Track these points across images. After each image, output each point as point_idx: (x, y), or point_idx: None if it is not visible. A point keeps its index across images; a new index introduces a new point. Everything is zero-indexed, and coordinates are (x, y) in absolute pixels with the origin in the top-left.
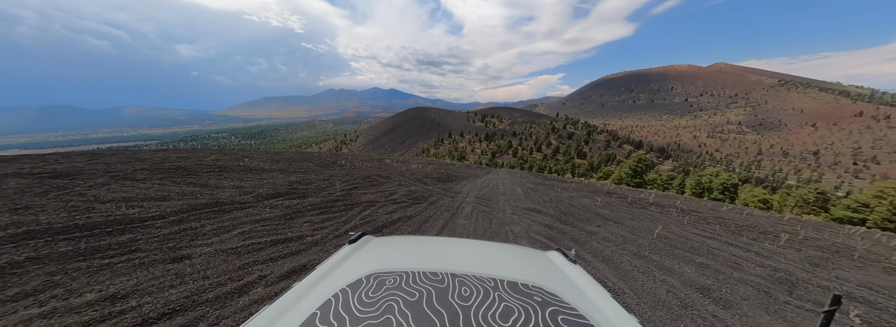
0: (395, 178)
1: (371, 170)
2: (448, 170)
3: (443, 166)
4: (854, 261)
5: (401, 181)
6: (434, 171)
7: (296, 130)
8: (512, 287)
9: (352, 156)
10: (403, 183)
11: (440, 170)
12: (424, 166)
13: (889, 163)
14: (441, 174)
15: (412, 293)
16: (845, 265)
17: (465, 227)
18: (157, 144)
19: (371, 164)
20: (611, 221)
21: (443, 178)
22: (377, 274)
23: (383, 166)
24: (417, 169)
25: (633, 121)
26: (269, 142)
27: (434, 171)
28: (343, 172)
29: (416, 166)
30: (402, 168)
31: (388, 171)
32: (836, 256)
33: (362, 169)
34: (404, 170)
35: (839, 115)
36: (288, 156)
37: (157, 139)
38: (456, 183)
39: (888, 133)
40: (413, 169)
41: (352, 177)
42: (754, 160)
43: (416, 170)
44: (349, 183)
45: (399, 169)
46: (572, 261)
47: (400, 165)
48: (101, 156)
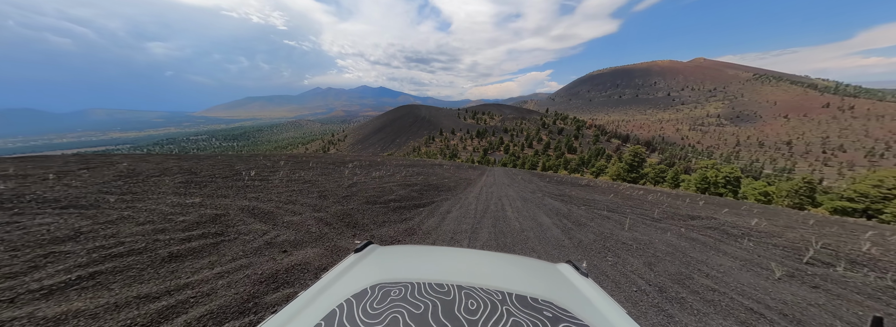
0: (304, 208)
1: (289, 191)
2: (429, 177)
3: (425, 169)
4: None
5: (297, 220)
6: (406, 180)
7: (281, 131)
8: (521, 301)
9: (305, 158)
10: (301, 225)
11: (413, 180)
12: (398, 171)
13: (853, 151)
14: (413, 187)
15: (417, 305)
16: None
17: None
18: (130, 148)
19: (306, 177)
20: None
21: (410, 198)
22: (382, 284)
23: (330, 177)
24: (383, 177)
25: (619, 115)
26: (253, 144)
27: (406, 180)
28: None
29: (385, 172)
30: (353, 180)
31: (321, 188)
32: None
33: (277, 187)
34: (357, 182)
35: (808, 107)
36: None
37: (130, 143)
38: (431, 206)
39: (852, 123)
40: (376, 177)
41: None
42: (733, 151)
43: (379, 180)
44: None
45: (348, 180)
46: (584, 275)
47: (360, 174)
48: None
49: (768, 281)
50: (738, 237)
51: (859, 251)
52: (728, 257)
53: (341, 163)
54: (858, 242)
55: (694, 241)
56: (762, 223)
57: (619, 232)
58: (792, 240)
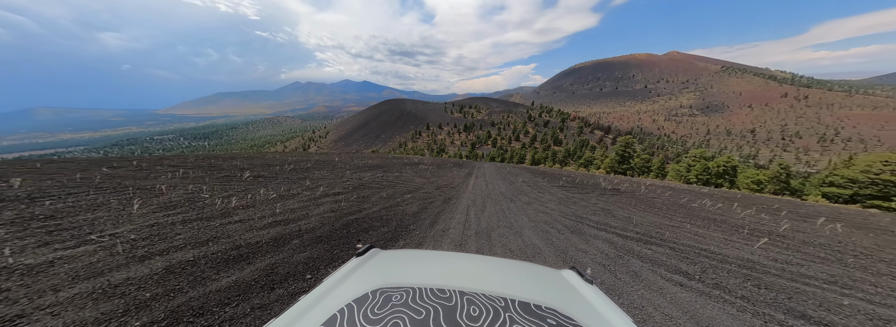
0: None
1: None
2: (385, 190)
3: (392, 172)
4: None
5: None
6: (334, 206)
7: (258, 128)
8: (524, 308)
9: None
10: None
11: (346, 205)
12: (341, 182)
13: (808, 138)
14: (320, 230)
15: (419, 311)
16: None
17: None
18: (83, 151)
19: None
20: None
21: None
22: (383, 289)
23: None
24: (296, 198)
25: (600, 107)
26: (226, 143)
27: (334, 206)
28: None
29: (323, 182)
30: (270, 203)
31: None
32: None
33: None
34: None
35: (769, 97)
36: None
37: (85, 144)
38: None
39: (806, 111)
40: (318, 198)
41: None
42: (704, 139)
43: (317, 202)
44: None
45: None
46: (588, 281)
47: (306, 188)
48: None
49: None
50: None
51: None
52: None
53: (267, 167)
54: None
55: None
56: None
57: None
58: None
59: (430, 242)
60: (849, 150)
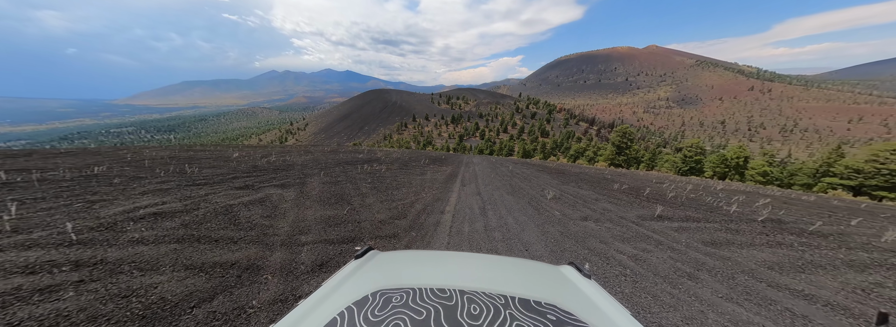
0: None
1: None
2: (348, 203)
3: (291, 183)
4: None
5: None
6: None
7: (230, 120)
8: (524, 304)
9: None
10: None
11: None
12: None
13: (771, 128)
14: None
15: (419, 311)
16: None
17: None
18: (25, 145)
19: None
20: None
21: None
22: (383, 291)
23: None
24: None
25: (584, 99)
26: (194, 136)
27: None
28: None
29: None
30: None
31: None
32: None
33: None
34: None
35: (738, 90)
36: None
37: (27, 138)
38: None
39: (770, 103)
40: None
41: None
42: (679, 131)
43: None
44: None
45: None
46: (587, 276)
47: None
48: None
49: None
50: None
51: None
52: None
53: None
54: None
55: None
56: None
57: None
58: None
59: None
60: (806, 140)
